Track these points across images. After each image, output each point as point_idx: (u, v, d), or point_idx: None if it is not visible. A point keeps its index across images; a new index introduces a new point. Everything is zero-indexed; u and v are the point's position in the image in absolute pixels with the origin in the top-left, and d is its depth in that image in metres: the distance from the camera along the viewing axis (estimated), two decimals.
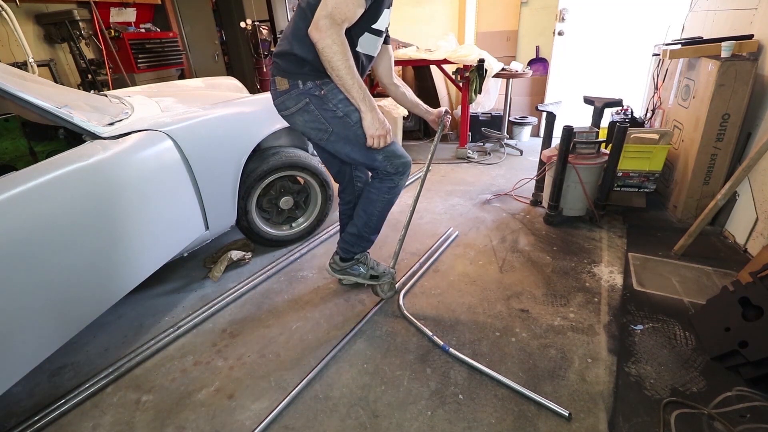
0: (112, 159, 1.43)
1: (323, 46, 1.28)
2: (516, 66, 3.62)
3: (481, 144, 4.06)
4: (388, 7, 1.46)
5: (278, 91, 1.50)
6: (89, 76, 4.05)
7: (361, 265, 1.77)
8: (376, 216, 1.66)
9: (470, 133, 3.97)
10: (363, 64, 1.53)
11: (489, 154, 3.85)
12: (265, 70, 5.16)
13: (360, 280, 1.80)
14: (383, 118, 1.47)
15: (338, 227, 2.02)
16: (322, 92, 1.44)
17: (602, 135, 2.49)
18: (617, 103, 2.52)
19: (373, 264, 1.79)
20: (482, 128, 4.08)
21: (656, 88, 2.85)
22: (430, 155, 1.86)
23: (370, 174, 1.71)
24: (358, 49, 1.46)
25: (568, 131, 2.17)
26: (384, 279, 1.79)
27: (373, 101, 1.44)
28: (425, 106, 1.86)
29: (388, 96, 3.06)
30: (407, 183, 3.13)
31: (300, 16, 1.40)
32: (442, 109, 1.88)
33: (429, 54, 3.48)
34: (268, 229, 2.23)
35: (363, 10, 1.32)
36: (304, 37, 1.36)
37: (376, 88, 3.85)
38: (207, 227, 1.88)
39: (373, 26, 1.43)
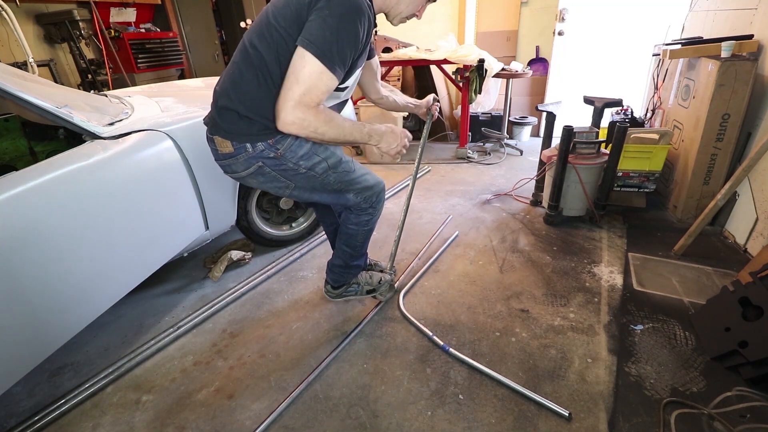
0: (112, 159, 1.43)
1: (306, 134, 1.13)
2: (516, 66, 3.62)
3: (481, 144, 4.06)
4: (360, 67, 1.29)
5: (220, 153, 1.27)
6: (89, 76, 4.05)
7: (354, 284, 1.77)
8: (359, 246, 1.64)
9: (470, 133, 3.97)
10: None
11: (489, 154, 3.85)
12: None
13: (359, 297, 1.81)
14: (389, 129, 1.34)
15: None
16: (279, 152, 1.23)
17: (602, 135, 2.49)
18: (617, 103, 2.52)
19: (366, 278, 1.78)
20: (482, 128, 4.08)
21: (656, 88, 2.85)
22: (420, 149, 1.81)
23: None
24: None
25: (568, 131, 2.17)
26: (381, 287, 1.79)
27: (374, 127, 1.31)
28: (413, 102, 1.77)
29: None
30: (403, 185, 3.15)
31: (244, 61, 1.17)
32: (430, 97, 1.79)
33: (429, 54, 3.47)
34: (268, 229, 2.23)
35: (338, 83, 1.14)
36: (250, 92, 1.15)
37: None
38: (207, 227, 1.88)
39: (339, 86, 1.25)
